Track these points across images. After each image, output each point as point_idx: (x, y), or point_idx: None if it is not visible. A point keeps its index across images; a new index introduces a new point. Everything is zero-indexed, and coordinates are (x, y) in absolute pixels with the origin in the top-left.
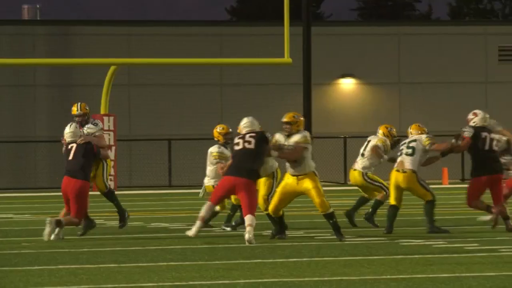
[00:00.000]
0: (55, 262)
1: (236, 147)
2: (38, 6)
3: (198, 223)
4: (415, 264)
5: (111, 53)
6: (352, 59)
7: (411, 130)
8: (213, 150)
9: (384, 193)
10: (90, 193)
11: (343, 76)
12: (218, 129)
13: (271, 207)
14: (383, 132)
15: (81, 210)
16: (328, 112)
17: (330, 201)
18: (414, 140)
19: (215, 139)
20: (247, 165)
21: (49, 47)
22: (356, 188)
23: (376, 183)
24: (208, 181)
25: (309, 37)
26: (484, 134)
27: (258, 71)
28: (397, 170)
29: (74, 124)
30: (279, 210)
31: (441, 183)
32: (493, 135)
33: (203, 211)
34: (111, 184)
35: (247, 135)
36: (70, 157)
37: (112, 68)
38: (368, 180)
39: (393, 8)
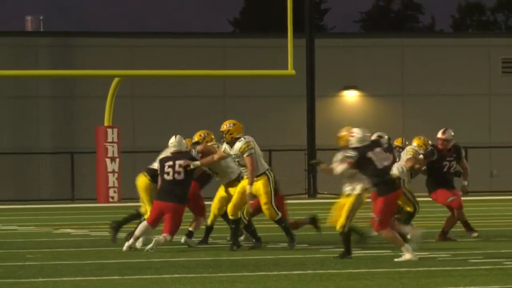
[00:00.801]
0: (59, 274)
1: (166, 176)
2: (41, 17)
3: (131, 240)
4: (419, 277)
5: (114, 65)
6: (355, 71)
7: (413, 142)
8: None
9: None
10: (95, 205)
11: (346, 88)
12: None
13: (229, 208)
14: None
15: None
16: (332, 124)
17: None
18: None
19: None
20: (177, 192)
21: (52, 59)
22: None
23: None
24: None
25: (312, 49)
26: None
27: (262, 83)
28: None
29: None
30: (237, 212)
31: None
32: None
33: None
34: (115, 196)
35: (177, 165)
36: None
37: (115, 80)
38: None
39: (396, 20)
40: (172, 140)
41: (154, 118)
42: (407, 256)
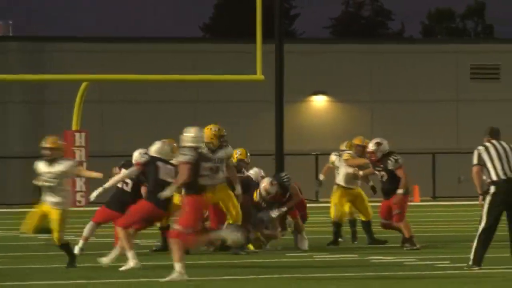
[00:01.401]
0: (27, 278)
1: (119, 185)
2: (10, 22)
3: (80, 242)
4: (386, 281)
5: (83, 69)
6: (324, 77)
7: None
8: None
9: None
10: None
11: (316, 93)
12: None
13: None
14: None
15: None
16: (300, 129)
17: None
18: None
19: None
20: (124, 201)
21: (22, 63)
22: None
23: None
24: None
25: (281, 54)
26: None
27: (231, 88)
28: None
29: None
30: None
31: (412, 201)
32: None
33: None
34: (82, 200)
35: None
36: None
37: (84, 84)
38: None
39: (366, 26)
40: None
41: (123, 122)
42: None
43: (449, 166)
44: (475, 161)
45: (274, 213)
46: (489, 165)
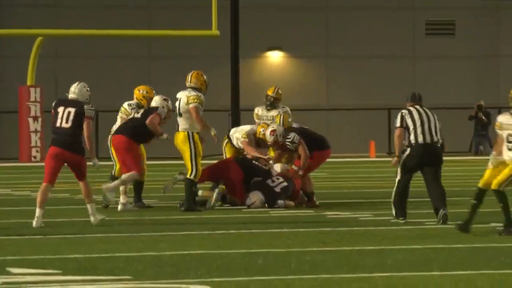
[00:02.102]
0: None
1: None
2: None
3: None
4: (341, 236)
5: (38, 24)
6: (280, 32)
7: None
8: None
9: None
10: (18, 164)
11: (271, 49)
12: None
13: None
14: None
15: None
16: (256, 85)
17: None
18: None
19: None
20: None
21: None
22: None
23: None
24: None
25: (236, 10)
26: None
27: (186, 43)
28: None
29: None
30: None
31: (368, 156)
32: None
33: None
34: (37, 156)
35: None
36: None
37: (38, 39)
38: None
39: None
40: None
41: (77, 78)
42: None
43: None
44: (398, 123)
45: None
46: (410, 128)
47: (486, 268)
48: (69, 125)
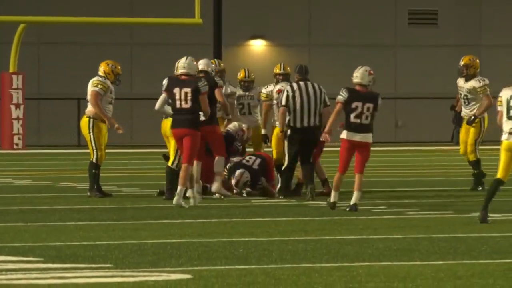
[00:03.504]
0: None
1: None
2: None
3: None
4: (322, 225)
5: (20, 11)
6: (262, 20)
7: None
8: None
9: None
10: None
11: (254, 37)
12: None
13: None
14: None
15: None
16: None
17: None
18: None
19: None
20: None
21: None
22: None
23: None
24: None
25: None
26: None
27: (169, 31)
28: None
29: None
30: None
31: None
32: None
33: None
34: (20, 143)
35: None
36: None
37: (21, 26)
38: None
39: None
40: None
41: (59, 65)
42: None
43: (387, 111)
44: (283, 102)
45: None
46: (291, 109)
47: (467, 257)
48: (188, 105)
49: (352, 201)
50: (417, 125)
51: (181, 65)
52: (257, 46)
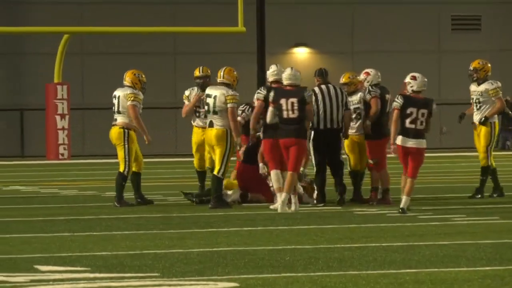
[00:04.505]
0: (8, 231)
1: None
2: None
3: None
4: (368, 233)
5: (63, 21)
6: (305, 28)
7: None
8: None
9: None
10: (45, 162)
11: (297, 45)
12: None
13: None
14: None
15: None
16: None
17: None
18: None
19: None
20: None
21: (1, 15)
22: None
23: None
24: None
25: (262, 5)
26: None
27: (212, 40)
28: None
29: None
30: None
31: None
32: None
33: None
34: (65, 153)
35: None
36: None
37: (65, 36)
38: None
39: None
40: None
41: (103, 75)
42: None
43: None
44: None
45: None
46: (315, 112)
47: None
48: (295, 115)
49: (401, 205)
50: (462, 131)
51: (287, 76)
52: (301, 54)
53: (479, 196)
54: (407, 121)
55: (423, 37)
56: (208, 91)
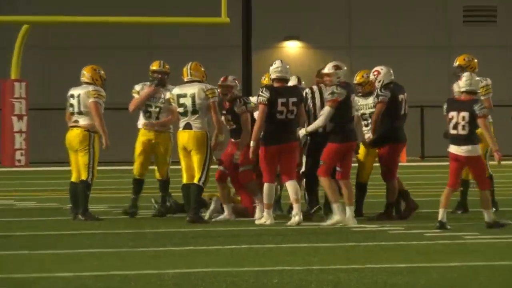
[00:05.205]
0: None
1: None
2: None
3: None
4: (368, 252)
5: (24, 10)
6: (297, 20)
7: None
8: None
9: None
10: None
11: (287, 38)
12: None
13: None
14: None
15: None
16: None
17: None
18: None
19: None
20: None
21: None
22: None
23: None
24: None
25: None
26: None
27: (192, 32)
28: None
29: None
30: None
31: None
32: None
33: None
34: (22, 159)
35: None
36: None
37: (24, 27)
38: None
39: None
40: (277, 64)
41: (68, 71)
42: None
43: (439, 122)
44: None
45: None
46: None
47: None
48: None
49: (486, 220)
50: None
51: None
52: (292, 48)
53: (494, 209)
54: (450, 127)
55: (431, 30)
56: (180, 90)
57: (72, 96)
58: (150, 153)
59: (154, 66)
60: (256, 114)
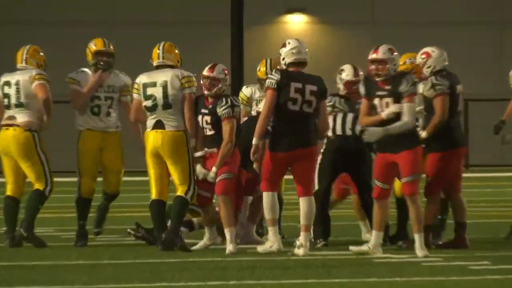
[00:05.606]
0: None
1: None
2: None
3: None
4: None
5: None
6: None
7: None
8: None
9: None
10: None
11: (289, 11)
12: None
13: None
14: None
15: None
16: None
17: None
18: None
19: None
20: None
21: None
22: None
23: None
24: None
25: None
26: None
27: (171, 5)
28: None
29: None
30: None
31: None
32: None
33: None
34: None
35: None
36: None
37: None
38: None
39: None
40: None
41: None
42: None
43: (488, 119)
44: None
45: None
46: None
47: None
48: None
49: None
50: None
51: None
52: (296, 24)
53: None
54: None
55: (473, 2)
56: (147, 78)
57: (7, 83)
58: (98, 162)
59: (98, 46)
60: (244, 120)
